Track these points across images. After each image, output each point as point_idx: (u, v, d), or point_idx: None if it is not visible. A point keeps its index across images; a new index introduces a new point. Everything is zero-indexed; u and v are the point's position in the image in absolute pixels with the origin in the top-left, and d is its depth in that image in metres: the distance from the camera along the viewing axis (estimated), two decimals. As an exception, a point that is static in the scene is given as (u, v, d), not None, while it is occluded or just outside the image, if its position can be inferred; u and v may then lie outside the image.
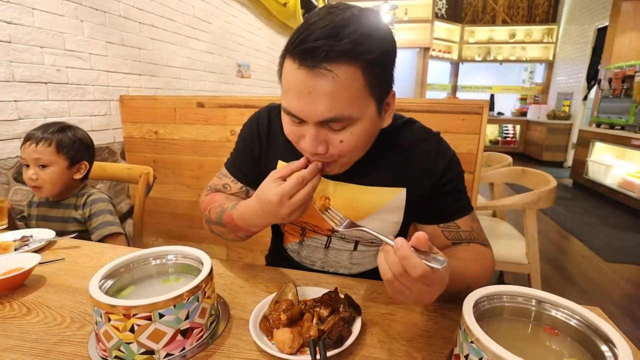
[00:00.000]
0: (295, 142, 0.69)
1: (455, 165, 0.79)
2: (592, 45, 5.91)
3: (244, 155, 0.89)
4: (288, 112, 0.64)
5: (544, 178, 1.76)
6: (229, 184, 0.90)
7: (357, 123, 0.63)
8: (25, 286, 0.75)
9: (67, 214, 1.23)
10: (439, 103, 1.58)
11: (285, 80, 0.63)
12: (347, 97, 0.59)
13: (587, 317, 0.48)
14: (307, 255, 0.90)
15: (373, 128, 0.67)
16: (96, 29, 1.94)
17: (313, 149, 0.63)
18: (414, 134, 0.80)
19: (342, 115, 0.60)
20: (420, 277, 0.46)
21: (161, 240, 2.32)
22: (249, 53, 3.78)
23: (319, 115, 0.60)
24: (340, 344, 0.54)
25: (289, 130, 0.68)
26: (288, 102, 0.63)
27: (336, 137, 0.64)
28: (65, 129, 1.20)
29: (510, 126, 7.94)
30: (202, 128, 2.02)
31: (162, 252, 0.68)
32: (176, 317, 0.53)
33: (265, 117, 0.87)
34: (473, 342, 0.44)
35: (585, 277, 2.49)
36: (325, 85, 0.58)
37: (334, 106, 0.59)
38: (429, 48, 7.23)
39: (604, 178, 4.35)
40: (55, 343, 0.58)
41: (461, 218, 0.77)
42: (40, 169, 1.15)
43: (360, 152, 0.70)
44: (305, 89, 0.59)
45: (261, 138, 0.86)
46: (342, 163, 0.70)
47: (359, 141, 0.65)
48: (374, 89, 0.61)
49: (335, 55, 0.56)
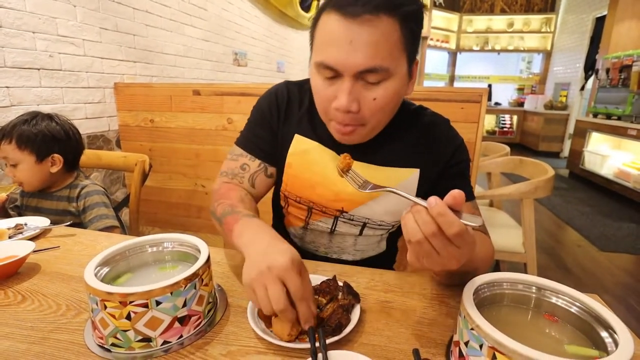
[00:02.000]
0: (325, 108, 0.70)
1: (464, 151, 0.81)
2: (590, 35, 5.89)
3: (262, 130, 0.86)
4: (325, 65, 0.64)
5: (541, 168, 1.76)
6: (247, 164, 0.85)
7: (391, 79, 0.65)
8: (19, 274, 0.75)
9: (61, 207, 1.20)
10: (438, 91, 1.57)
11: (323, 34, 0.64)
12: (386, 48, 0.61)
13: (588, 304, 0.48)
14: (311, 241, 0.90)
15: (402, 90, 0.69)
16: (89, 14, 1.90)
17: (347, 105, 0.64)
18: (426, 118, 0.83)
19: (381, 66, 0.62)
20: (455, 236, 0.44)
21: (157, 229, 2.31)
22: (245, 41, 3.73)
23: (359, 64, 0.61)
24: (339, 331, 0.54)
25: (320, 91, 0.68)
26: (326, 55, 0.63)
27: (370, 94, 0.65)
28: (27, 121, 1.13)
29: (507, 116, 7.94)
30: (199, 116, 2.00)
31: (158, 240, 0.67)
32: (173, 304, 0.53)
33: (284, 91, 0.86)
34: (473, 328, 0.43)
35: (580, 266, 2.51)
36: (367, 34, 0.60)
37: (374, 55, 0.61)
38: (426, 37, 7.17)
39: (600, 168, 4.37)
40: (51, 331, 0.57)
41: (465, 203, 0.76)
42: (13, 168, 1.12)
43: (385, 118, 0.72)
44: (346, 38, 0.60)
45: (280, 112, 0.85)
46: (367, 130, 0.71)
47: (391, 101, 0.67)
48: (407, 45, 0.64)
49: (378, 4, 0.59)
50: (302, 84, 0.87)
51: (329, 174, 0.81)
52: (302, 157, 0.83)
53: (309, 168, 0.82)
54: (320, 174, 0.82)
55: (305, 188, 0.84)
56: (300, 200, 0.85)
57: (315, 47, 0.67)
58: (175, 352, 0.53)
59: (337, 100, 0.65)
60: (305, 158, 0.82)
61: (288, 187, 0.86)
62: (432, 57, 7.67)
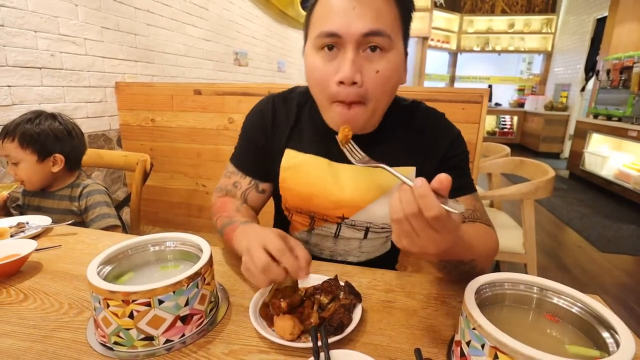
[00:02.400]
0: (324, 88, 0.68)
1: (460, 143, 0.81)
2: (591, 36, 5.89)
3: (250, 148, 0.87)
4: (327, 33, 0.64)
5: (542, 168, 1.76)
6: (238, 182, 0.88)
7: (392, 51, 0.66)
8: (21, 272, 0.75)
9: (63, 206, 1.20)
10: (439, 91, 1.57)
11: (322, 10, 0.66)
12: (388, 17, 0.64)
13: (589, 305, 0.48)
14: (316, 244, 0.89)
15: (401, 71, 0.70)
16: (91, 13, 1.90)
17: (352, 75, 0.63)
18: (420, 113, 0.82)
19: (385, 30, 0.63)
20: (433, 219, 0.43)
21: (158, 228, 2.31)
22: (246, 41, 3.73)
23: (364, 26, 0.62)
24: (341, 330, 0.54)
25: (320, 69, 0.67)
26: (327, 24, 0.64)
27: (372, 65, 0.65)
28: (31, 120, 1.13)
29: (507, 117, 7.94)
30: (200, 116, 2.00)
31: (161, 239, 0.68)
32: (176, 303, 0.53)
33: (269, 107, 0.86)
34: (475, 328, 0.43)
35: (580, 267, 2.51)
36: (369, 1, 0.62)
37: (377, 19, 0.63)
38: (427, 37, 7.17)
39: (600, 169, 4.37)
40: (54, 329, 0.57)
41: (463, 196, 0.77)
42: (14, 166, 1.12)
43: (386, 98, 0.71)
44: (349, 5, 0.62)
45: (266, 129, 0.85)
46: (369, 109, 0.69)
47: (392, 75, 0.67)
48: (403, 24, 0.67)
49: None
50: (286, 95, 0.87)
51: (324, 184, 0.80)
52: (295, 170, 0.82)
53: (304, 181, 0.82)
54: (314, 186, 0.81)
55: (303, 200, 0.84)
56: (302, 210, 0.86)
57: (313, 24, 0.68)
58: (177, 350, 0.53)
59: (340, 73, 0.65)
60: (298, 171, 0.82)
61: (288, 202, 0.87)
62: (432, 58, 7.67)
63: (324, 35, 0.65)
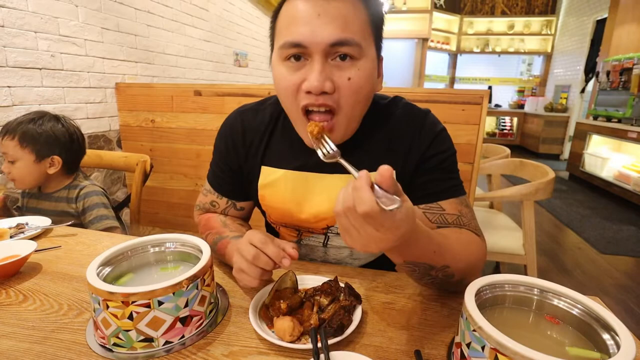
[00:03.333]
0: (293, 94, 0.64)
1: (443, 141, 0.74)
2: (591, 38, 5.89)
3: (223, 169, 0.85)
4: (291, 43, 0.60)
5: (542, 170, 1.76)
6: (216, 202, 0.87)
7: (363, 59, 0.62)
8: (21, 273, 0.75)
9: (60, 208, 1.20)
10: (439, 93, 1.57)
11: (286, 18, 0.62)
12: (356, 23, 0.59)
13: (589, 306, 0.48)
14: (306, 254, 0.88)
15: (373, 78, 0.66)
16: (91, 14, 1.90)
17: (320, 83, 0.59)
18: (399, 111, 0.76)
19: (353, 39, 0.59)
20: (364, 215, 0.40)
21: (158, 229, 2.31)
22: (246, 42, 3.73)
23: (330, 35, 0.58)
24: (340, 332, 0.54)
25: (286, 78, 0.63)
26: (291, 33, 0.60)
27: (343, 73, 0.61)
28: (34, 120, 1.13)
29: (507, 118, 7.94)
30: (200, 116, 2.00)
31: (160, 240, 0.68)
32: (175, 304, 0.53)
33: (238, 124, 0.81)
34: (475, 330, 0.43)
35: (580, 268, 2.51)
36: (335, 7, 0.58)
37: (345, 27, 0.58)
38: (427, 39, 7.17)
39: (600, 171, 4.37)
40: (53, 330, 0.57)
41: (446, 200, 0.70)
42: (10, 164, 1.12)
43: (360, 108, 0.67)
44: (314, 12, 0.58)
45: (237, 148, 0.81)
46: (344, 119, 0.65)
47: (365, 84, 0.63)
48: (374, 30, 0.63)
49: None
50: (257, 107, 0.83)
51: (303, 198, 0.77)
52: (273, 188, 0.79)
53: (282, 197, 0.79)
54: (294, 201, 0.78)
55: (285, 216, 0.81)
56: (287, 224, 0.84)
57: (277, 33, 0.63)
58: (177, 352, 0.53)
59: (307, 82, 0.60)
60: (276, 188, 0.79)
61: (271, 217, 0.85)
62: (432, 59, 7.66)
63: (289, 45, 0.60)
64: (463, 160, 1.54)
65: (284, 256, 0.60)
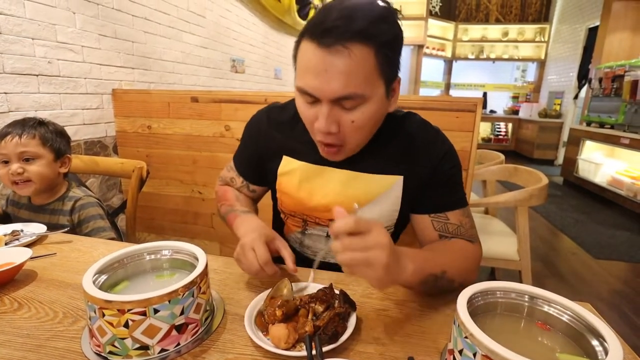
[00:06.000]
0: (309, 125, 0.73)
1: (452, 158, 0.81)
2: (583, 45, 5.97)
3: (246, 155, 0.97)
4: (304, 91, 0.67)
5: (536, 176, 1.78)
6: (234, 179, 1.00)
7: (368, 103, 0.67)
8: (16, 281, 0.75)
9: (55, 221, 1.17)
10: (433, 100, 1.58)
11: (302, 61, 0.67)
12: (360, 76, 0.63)
13: (579, 313, 0.49)
14: (309, 245, 0.93)
15: (382, 110, 0.71)
16: (89, 21, 1.91)
17: (326, 128, 0.67)
18: (413, 126, 0.83)
19: (356, 93, 0.64)
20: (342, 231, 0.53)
21: (154, 235, 2.30)
22: (243, 48, 3.75)
23: (334, 92, 0.64)
24: (335, 339, 0.55)
25: (303, 112, 0.72)
26: (304, 81, 0.66)
27: (348, 116, 0.67)
28: (43, 123, 1.16)
29: (502, 124, 8.00)
30: (196, 123, 2.00)
31: (156, 247, 0.68)
32: (171, 312, 0.53)
33: (264, 119, 0.92)
34: (467, 337, 0.44)
35: (574, 273, 2.53)
36: (341, 63, 0.61)
37: (348, 83, 0.63)
38: (422, 45, 7.24)
39: (593, 176, 4.41)
40: (48, 338, 0.57)
41: (452, 211, 0.79)
42: (25, 163, 1.10)
43: (367, 136, 0.74)
44: (322, 67, 0.62)
45: (260, 140, 0.92)
46: (350, 148, 0.74)
47: (369, 121, 0.69)
48: (384, 71, 0.65)
49: (351, 34, 0.60)
50: (285, 106, 0.92)
51: (316, 189, 0.85)
52: (290, 176, 0.88)
53: (298, 186, 0.87)
54: (308, 191, 0.86)
55: (296, 204, 0.89)
56: (295, 214, 0.92)
57: (297, 71, 0.70)
58: (172, 360, 0.53)
59: (317, 122, 0.68)
60: (293, 177, 0.87)
61: (283, 205, 0.93)
62: (428, 65, 7.73)
63: (302, 91, 0.68)
64: (458, 167, 1.56)
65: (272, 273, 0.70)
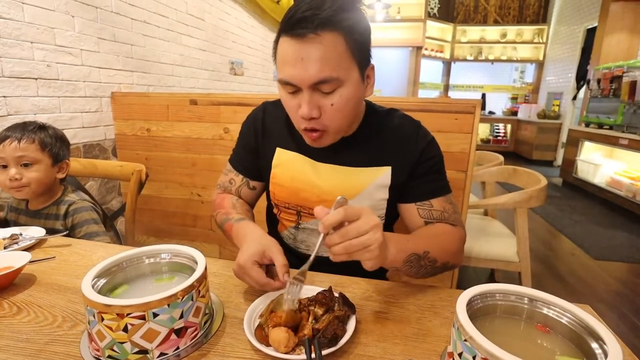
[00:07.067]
0: (293, 115, 0.78)
1: (433, 148, 0.87)
2: (582, 46, 5.98)
3: (244, 150, 0.99)
4: (285, 82, 0.72)
5: (535, 177, 1.78)
6: (233, 179, 1.00)
7: (344, 86, 0.72)
8: (15, 285, 0.74)
9: (50, 225, 1.16)
10: (432, 102, 1.59)
11: (280, 55, 0.72)
12: (333, 60, 0.69)
13: (578, 315, 0.49)
14: (303, 240, 0.95)
15: (358, 94, 0.76)
16: (87, 24, 1.91)
17: (309, 113, 0.72)
18: (395, 121, 0.89)
19: (331, 76, 0.69)
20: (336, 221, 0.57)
21: (153, 238, 2.30)
22: (242, 50, 3.75)
23: (312, 77, 0.69)
24: (335, 342, 0.55)
25: (287, 102, 0.77)
26: (284, 73, 0.72)
27: (327, 100, 0.73)
28: (43, 127, 1.16)
29: (501, 125, 8.01)
30: (195, 126, 2.01)
31: (155, 251, 0.68)
32: (170, 316, 0.53)
33: (260, 114, 0.97)
34: (467, 340, 0.44)
35: (574, 274, 2.53)
36: (315, 50, 0.67)
37: (323, 68, 0.68)
38: (421, 47, 7.25)
39: (592, 177, 4.41)
40: (47, 343, 0.57)
41: (436, 198, 0.84)
42: (23, 168, 1.10)
43: (347, 119, 0.78)
44: (298, 56, 0.68)
45: (257, 132, 0.96)
46: (332, 131, 0.78)
47: (347, 104, 0.74)
48: (355, 54, 0.71)
49: (319, 22, 0.66)
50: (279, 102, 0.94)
51: (308, 179, 0.89)
52: (284, 167, 0.92)
53: (291, 176, 0.91)
54: (301, 181, 0.90)
55: (290, 195, 0.92)
56: (289, 206, 0.94)
57: (277, 66, 0.75)
58: (171, 364, 0.53)
59: (300, 110, 0.73)
60: (287, 167, 0.91)
61: (276, 196, 0.95)
62: (426, 67, 7.74)
63: (284, 82, 0.73)
64: (456, 169, 1.56)
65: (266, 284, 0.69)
